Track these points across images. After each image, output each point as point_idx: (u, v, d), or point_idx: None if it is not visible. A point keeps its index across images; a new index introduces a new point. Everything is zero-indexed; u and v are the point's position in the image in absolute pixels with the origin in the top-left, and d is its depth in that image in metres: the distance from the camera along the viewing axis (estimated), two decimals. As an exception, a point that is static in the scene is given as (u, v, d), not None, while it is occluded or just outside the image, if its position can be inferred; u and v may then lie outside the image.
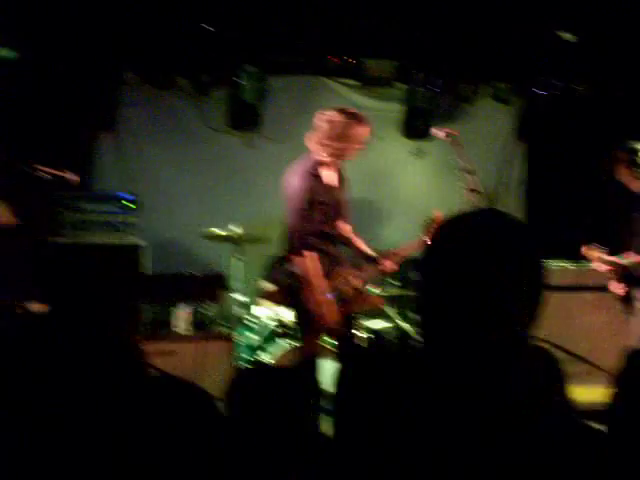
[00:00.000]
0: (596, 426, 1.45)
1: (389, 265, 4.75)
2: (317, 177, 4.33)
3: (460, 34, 6.59)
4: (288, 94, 7.25)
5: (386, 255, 4.75)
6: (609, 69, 6.86)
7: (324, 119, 4.37)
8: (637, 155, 4.87)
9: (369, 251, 4.88)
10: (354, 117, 4.39)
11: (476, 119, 7.34)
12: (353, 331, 4.92)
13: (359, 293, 4.67)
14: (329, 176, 4.43)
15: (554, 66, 6.95)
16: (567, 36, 6.26)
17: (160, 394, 1.57)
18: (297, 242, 4.31)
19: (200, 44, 6.46)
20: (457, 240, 1.48)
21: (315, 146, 4.38)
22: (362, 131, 4.38)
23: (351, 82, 7.27)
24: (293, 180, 4.37)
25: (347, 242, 4.79)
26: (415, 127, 7.26)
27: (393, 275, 5.87)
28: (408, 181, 7.49)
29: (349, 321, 4.68)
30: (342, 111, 4.42)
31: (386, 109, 7.31)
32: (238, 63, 6.73)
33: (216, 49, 6.53)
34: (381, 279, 5.73)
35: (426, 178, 7.51)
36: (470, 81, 7.20)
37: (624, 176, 4.93)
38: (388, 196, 7.41)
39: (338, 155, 4.38)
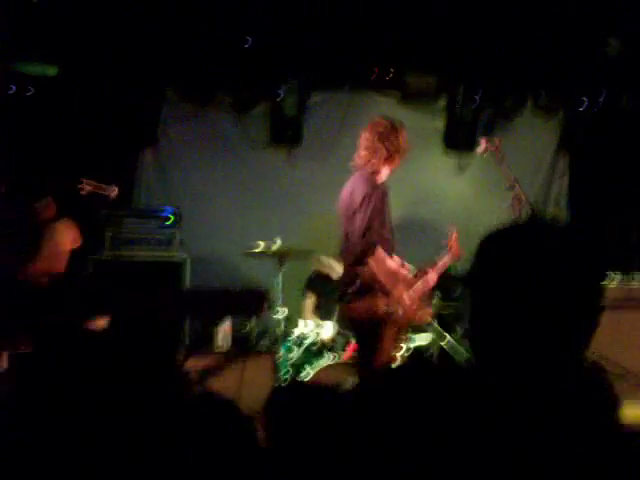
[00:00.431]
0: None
1: (433, 280, 4.64)
2: (376, 184, 4.29)
3: (502, 46, 6.51)
4: (329, 109, 7.23)
5: (426, 271, 4.64)
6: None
7: (368, 129, 4.35)
8: None
9: (409, 267, 4.79)
10: (394, 121, 4.41)
11: (519, 131, 7.22)
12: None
13: (414, 308, 4.53)
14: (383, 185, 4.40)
15: (598, 77, 6.84)
16: (613, 46, 6.14)
17: (200, 413, 1.55)
18: (363, 252, 4.25)
19: (241, 59, 6.47)
20: (508, 251, 1.42)
21: (363, 160, 4.35)
22: (404, 134, 4.38)
23: (392, 96, 7.21)
24: (354, 192, 4.32)
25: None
26: (458, 140, 7.19)
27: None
28: (452, 195, 7.39)
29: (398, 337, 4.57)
30: (382, 118, 4.43)
31: (428, 123, 7.25)
32: (279, 78, 6.73)
33: (256, 64, 6.54)
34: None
35: (470, 192, 7.40)
36: (513, 93, 7.11)
37: None
38: (432, 211, 7.31)
39: (385, 163, 4.35)
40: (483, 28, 6.27)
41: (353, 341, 5.45)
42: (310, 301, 6.12)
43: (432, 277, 4.56)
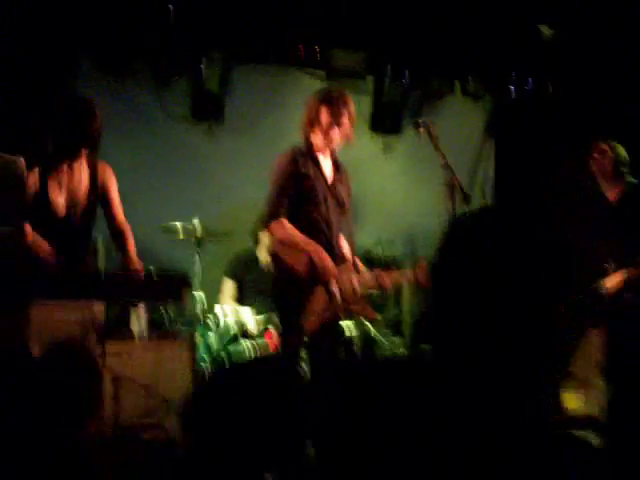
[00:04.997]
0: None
1: (388, 284, 4.35)
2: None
3: (432, 27, 6.44)
4: (252, 84, 7.03)
5: (386, 272, 4.36)
6: (582, 68, 6.74)
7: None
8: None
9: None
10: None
11: (446, 115, 7.15)
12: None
13: (358, 297, 4.30)
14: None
15: (527, 64, 6.84)
16: (544, 31, 6.11)
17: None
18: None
19: (162, 29, 6.18)
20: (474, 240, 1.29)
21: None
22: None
23: (318, 74, 7.05)
24: None
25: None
26: (384, 121, 7.10)
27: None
28: (376, 178, 7.26)
29: (335, 324, 4.36)
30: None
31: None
32: (201, 50, 6.47)
33: (178, 35, 6.27)
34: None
35: (395, 175, 7.33)
36: (441, 76, 7.05)
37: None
38: (355, 194, 7.19)
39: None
40: (414, 7, 6.18)
41: (271, 328, 5.32)
42: (229, 285, 5.97)
43: (387, 280, 4.31)
